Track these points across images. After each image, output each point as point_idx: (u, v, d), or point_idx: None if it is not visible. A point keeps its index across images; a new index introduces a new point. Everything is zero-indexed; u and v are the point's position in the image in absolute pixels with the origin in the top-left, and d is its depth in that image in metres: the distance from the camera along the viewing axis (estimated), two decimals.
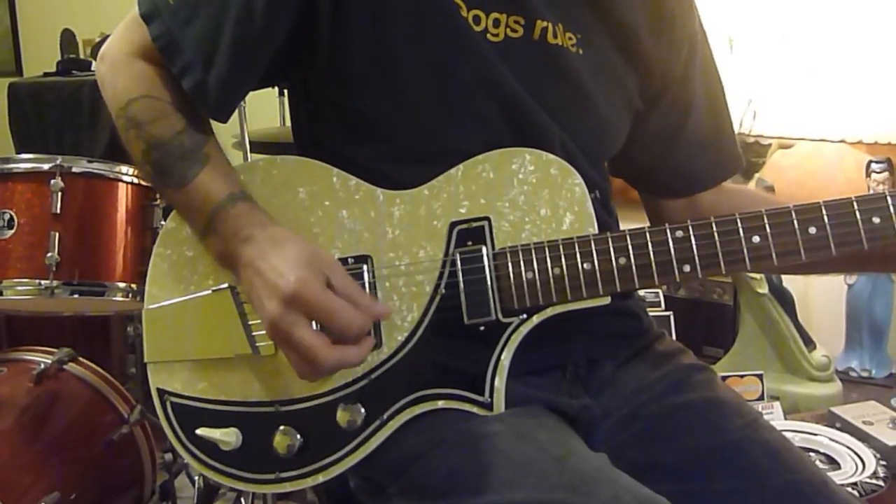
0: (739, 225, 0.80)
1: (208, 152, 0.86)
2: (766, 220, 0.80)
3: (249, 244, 0.81)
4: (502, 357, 0.82)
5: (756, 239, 0.80)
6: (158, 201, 1.56)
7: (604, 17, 0.92)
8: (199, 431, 0.86)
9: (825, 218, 0.79)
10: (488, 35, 0.86)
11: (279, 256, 0.78)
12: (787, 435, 1.01)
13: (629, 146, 1.00)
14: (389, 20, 0.84)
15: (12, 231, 1.45)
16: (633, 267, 0.81)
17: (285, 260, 0.78)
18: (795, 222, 0.79)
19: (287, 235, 0.82)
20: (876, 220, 0.78)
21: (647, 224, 0.93)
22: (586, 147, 0.92)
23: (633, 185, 1.09)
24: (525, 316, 0.82)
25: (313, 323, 0.77)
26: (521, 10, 0.87)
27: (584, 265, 0.81)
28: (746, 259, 0.80)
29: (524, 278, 0.82)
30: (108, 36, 0.92)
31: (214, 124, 0.91)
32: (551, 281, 0.82)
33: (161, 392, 0.89)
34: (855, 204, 0.78)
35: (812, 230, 0.79)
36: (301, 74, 0.91)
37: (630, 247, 0.81)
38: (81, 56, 2.92)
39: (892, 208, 0.78)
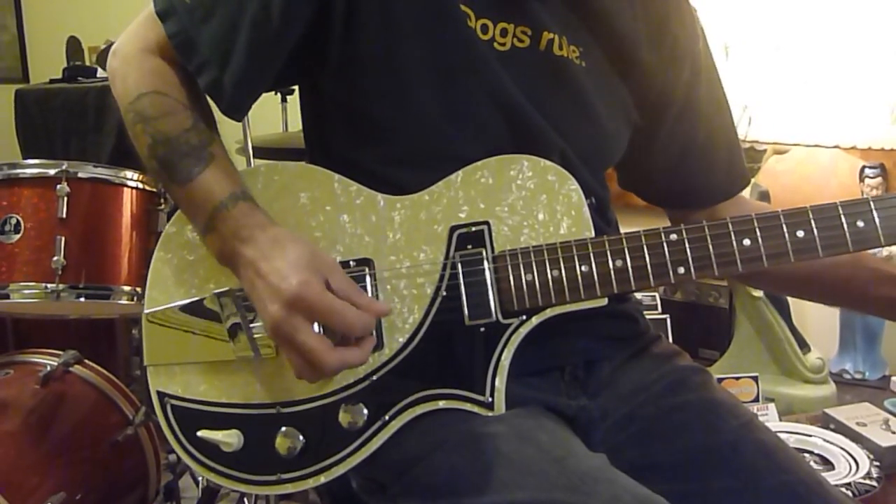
0: (731, 228, 0.82)
1: (213, 151, 0.86)
2: (756, 224, 0.82)
3: (249, 245, 0.81)
4: (503, 357, 0.83)
5: (747, 242, 0.82)
6: (163, 206, 1.58)
7: (602, 28, 0.93)
8: (200, 433, 0.86)
9: (812, 222, 0.81)
10: (495, 44, 0.87)
11: (280, 258, 0.79)
12: (782, 436, 1.02)
13: (645, 167, 1.01)
14: (399, 25, 0.85)
15: (19, 235, 1.46)
16: (630, 269, 0.83)
17: (287, 262, 0.78)
18: (784, 226, 0.81)
19: (288, 236, 0.82)
20: (860, 223, 0.81)
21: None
22: (586, 156, 0.93)
23: (658, 205, 1.10)
24: (524, 317, 0.83)
25: (315, 326, 0.77)
26: (528, 21, 0.88)
27: (582, 268, 0.83)
28: (738, 261, 0.82)
29: (524, 280, 0.83)
30: (113, 43, 0.92)
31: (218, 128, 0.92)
32: (550, 283, 0.83)
33: (161, 395, 0.89)
34: (840, 208, 0.81)
35: (800, 233, 0.81)
36: (313, 77, 0.92)
37: (626, 249, 0.83)
38: (87, 63, 2.93)
39: (874, 212, 0.81)
